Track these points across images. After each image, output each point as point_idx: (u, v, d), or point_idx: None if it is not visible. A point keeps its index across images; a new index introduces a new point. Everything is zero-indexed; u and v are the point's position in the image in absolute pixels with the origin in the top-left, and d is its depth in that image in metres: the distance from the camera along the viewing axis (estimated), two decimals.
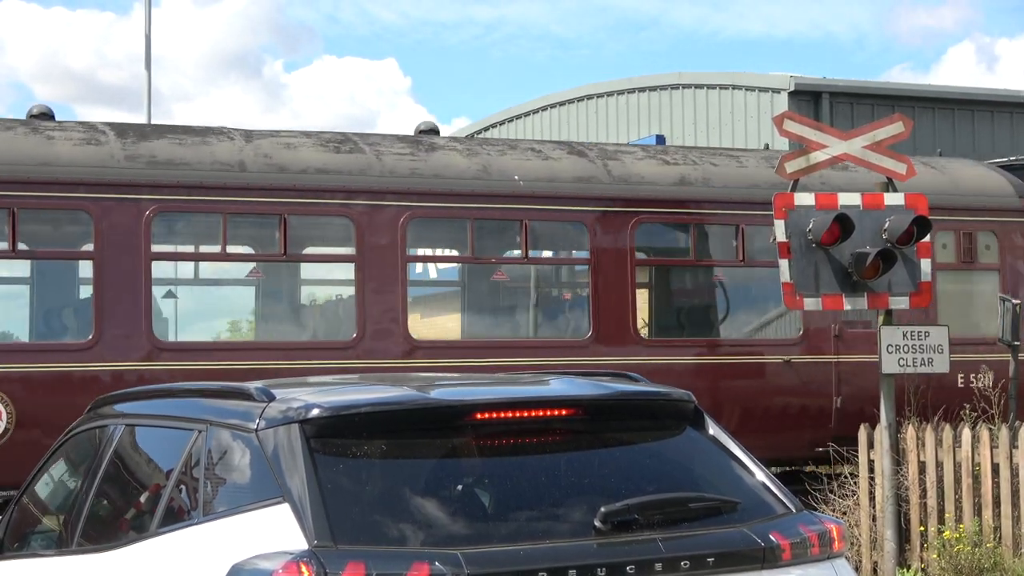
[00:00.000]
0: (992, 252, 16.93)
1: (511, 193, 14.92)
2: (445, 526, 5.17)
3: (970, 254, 16.77)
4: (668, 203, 15.60)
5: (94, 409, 7.27)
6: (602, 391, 5.95)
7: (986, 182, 17.33)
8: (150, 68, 26.90)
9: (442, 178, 14.73)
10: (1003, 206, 17.01)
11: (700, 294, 17.17)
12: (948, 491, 12.77)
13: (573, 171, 15.38)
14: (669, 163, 16.00)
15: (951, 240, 16.69)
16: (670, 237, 16.53)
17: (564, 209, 15.17)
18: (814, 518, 5.70)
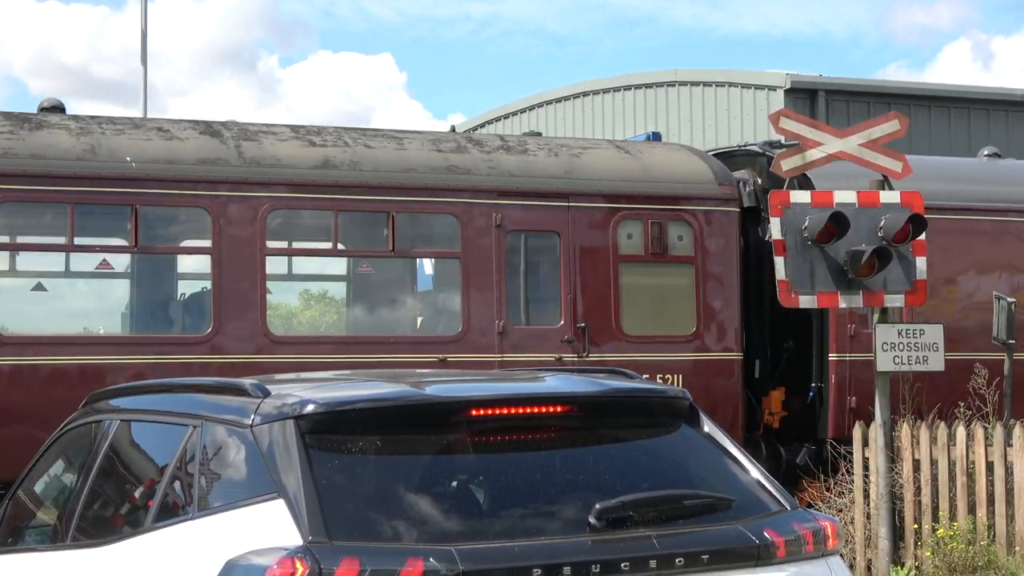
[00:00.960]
0: (686, 243, 15.77)
1: (120, 176, 13.70)
2: (440, 522, 5.17)
3: (661, 245, 15.59)
4: (308, 187, 14.39)
5: (89, 404, 7.27)
6: (598, 388, 5.95)
7: (682, 168, 16.08)
8: (146, 63, 26.90)
9: (40, 159, 13.52)
10: (699, 194, 15.81)
11: (339, 287, 16.38)
12: (942, 489, 12.77)
13: (198, 152, 14.15)
14: (316, 145, 14.71)
15: (638, 230, 15.51)
16: (310, 225, 15.42)
17: (184, 194, 13.96)
18: (809, 516, 5.71)
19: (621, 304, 15.31)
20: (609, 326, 15.20)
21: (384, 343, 14.61)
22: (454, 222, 14.90)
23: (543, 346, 14.86)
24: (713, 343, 15.63)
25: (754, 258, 16.29)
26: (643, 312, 15.54)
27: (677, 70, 27.85)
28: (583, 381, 6.09)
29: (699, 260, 15.70)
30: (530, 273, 15.34)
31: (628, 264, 15.48)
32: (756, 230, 16.23)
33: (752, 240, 16.28)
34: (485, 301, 14.80)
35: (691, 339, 15.53)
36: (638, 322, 15.43)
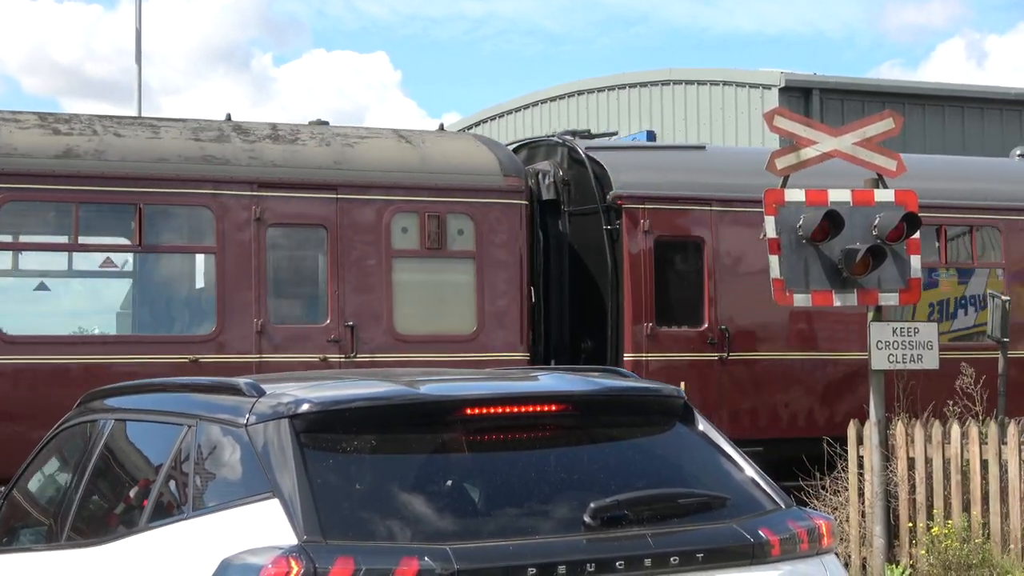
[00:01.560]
0: (467, 238, 15.14)
1: None
2: (434, 521, 5.18)
3: (439, 240, 14.93)
4: (47, 178, 13.72)
5: (84, 404, 7.27)
6: (592, 387, 5.96)
7: (465, 159, 15.41)
8: (140, 62, 26.87)
9: None
10: (482, 185, 15.15)
11: (84, 283, 15.65)
12: (937, 487, 12.78)
13: None
14: (61, 133, 14.01)
15: (414, 224, 14.88)
16: (50, 218, 14.59)
17: None
18: (803, 514, 5.71)
19: (394, 302, 14.73)
20: (381, 325, 14.63)
21: (124, 343, 14.17)
22: (209, 215, 14.28)
23: (306, 346, 14.33)
24: (496, 343, 14.99)
25: (554, 254, 15.84)
26: (419, 310, 14.93)
27: (672, 69, 27.87)
28: (578, 380, 6.09)
29: (481, 255, 15.08)
30: (294, 269, 14.84)
31: (403, 259, 14.89)
32: (557, 224, 15.86)
33: (553, 234, 15.84)
34: (242, 299, 14.20)
35: (471, 339, 14.94)
36: (413, 321, 14.84)
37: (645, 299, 15.21)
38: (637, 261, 15.29)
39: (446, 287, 15.24)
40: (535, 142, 17.02)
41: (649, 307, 15.16)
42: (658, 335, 15.17)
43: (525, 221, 15.33)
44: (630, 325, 15.14)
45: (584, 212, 15.71)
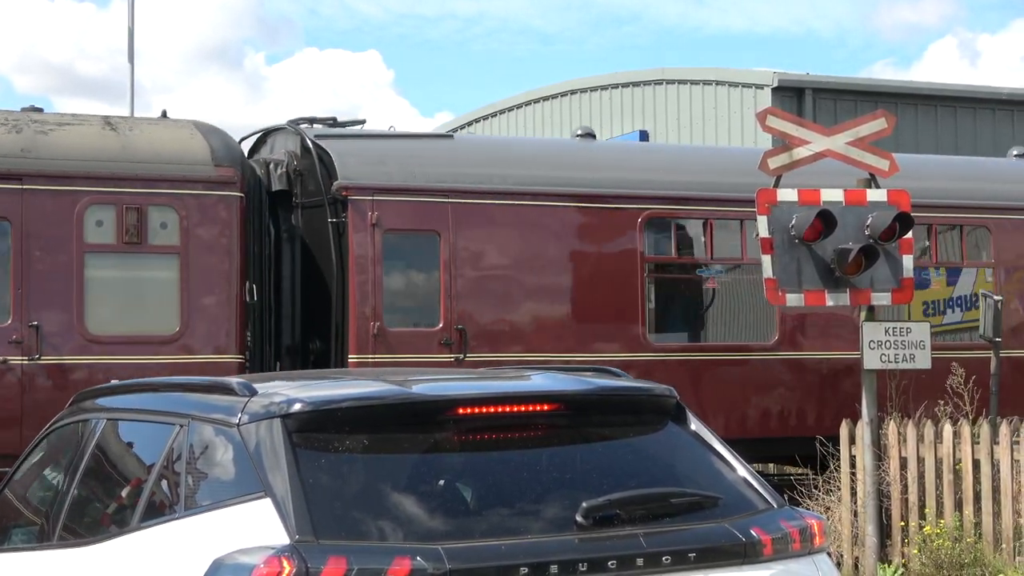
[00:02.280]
0: (171, 232, 14.16)
1: None
2: (427, 521, 5.17)
3: (138, 234, 13.93)
4: None
5: (76, 403, 7.26)
6: (584, 386, 5.95)
7: (172, 147, 14.39)
8: (133, 61, 26.82)
9: None
10: (189, 176, 14.16)
11: None
12: (929, 487, 12.80)
13: None
14: None
15: (110, 216, 13.89)
16: None
17: None
18: (795, 513, 5.71)
19: (86, 300, 13.82)
20: (70, 325, 13.75)
21: None
22: None
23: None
24: (202, 344, 14.13)
25: (286, 249, 15.16)
26: (115, 310, 14.11)
27: (664, 69, 27.88)
28: (570, 380, 6.09)
29: (186, 251, 14.12)
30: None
31: (97, 255, 13.97)
32: (289, 217, 15.17)
33: (284, 228, 15.16)
34: None
35: (173, 340, 14.08)
36: (108, 321, 13.99)
37: (373, 297, 14.41)
38: (363, 256, 14.46)
39: (146, 284, 14.38)
40: (276, 129, 16.01)
41: (377, 305, 14.37)
42: (386, 335, 14.40)
43: (239, 214, 14.38)
44: (355, 325, 14.32)
45: (314, 204, 14.97)
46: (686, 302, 16.82)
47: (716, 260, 16.14)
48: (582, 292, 15.23)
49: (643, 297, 15.36)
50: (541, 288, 15.08)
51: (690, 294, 16.69)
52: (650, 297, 16.07)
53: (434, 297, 14.82)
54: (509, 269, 15.02)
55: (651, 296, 16.12)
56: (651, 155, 17.59)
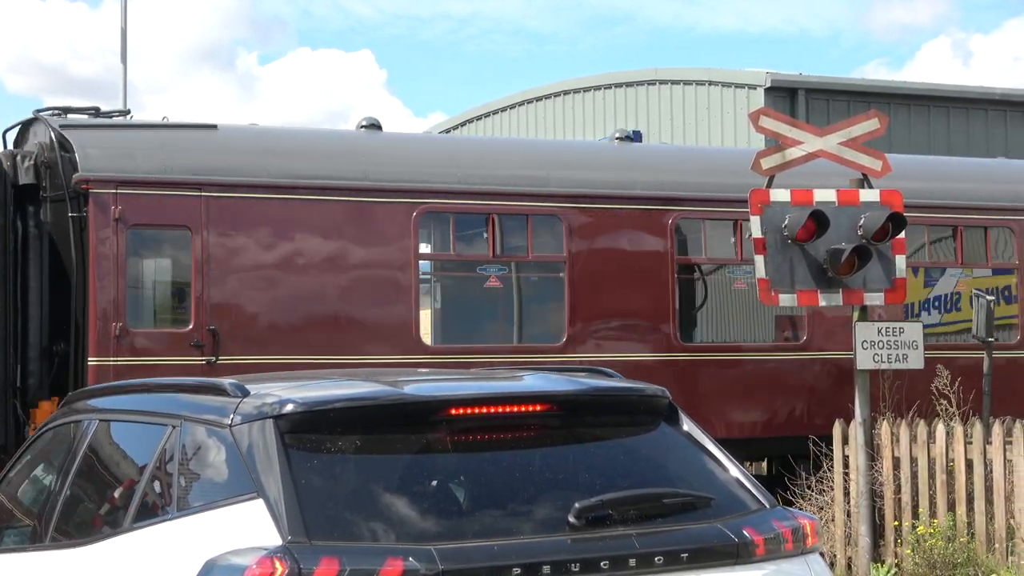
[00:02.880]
0: None
1: None
2: (419, 522, 5.17)
3: None
4: None
5: (68, 404, 7.26)
6: (577, 387, 5.95)
7: None
8: (126, 61, 26.82)
9: None
10: None
11: None
12: (922, 487, 12.81)
13: None
14: None
15: None
16: None
17: None
18: (787, 514, 5.72)
19: None
20: None
21: None
22: None
23: None
24: None
25: (34, 246, 14.22)
26: None
27: (657, 69, 27.88)
28: (562, 380, 6.09)
29: None
30: None
31: None
32: (38, 212, 14.24)
33: (33, 224, 14.21)
34: None
35: None
36: None
37: (117, 296, 13.60)
38: (105, 253, 13.62)
39: None
40: (35, 120, 14.93)
41: (119, 305, 13.58)
42: (130, 336, 13.63)
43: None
44: (95, 325, 13.53)
45: (59, 199, 14.08)
46: (469, 302, 16.29)
47: (499, 258, 15.23)
48: (350, 292, 14.46)
49: (417, 297, 14.73)
50: (304, 288, 14.26)
51: (473, 294, 16.03)
52: (436, 297, 15.87)
53: (184, 297, 14.13)
54: (269, 268, 14.22)
55: (436, 296, 15.91)
56: (429, 146, 16.81)
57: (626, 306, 15.29)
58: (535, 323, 15.96)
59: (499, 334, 15.81)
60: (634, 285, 15.33)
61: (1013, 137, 26.59)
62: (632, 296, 15.32)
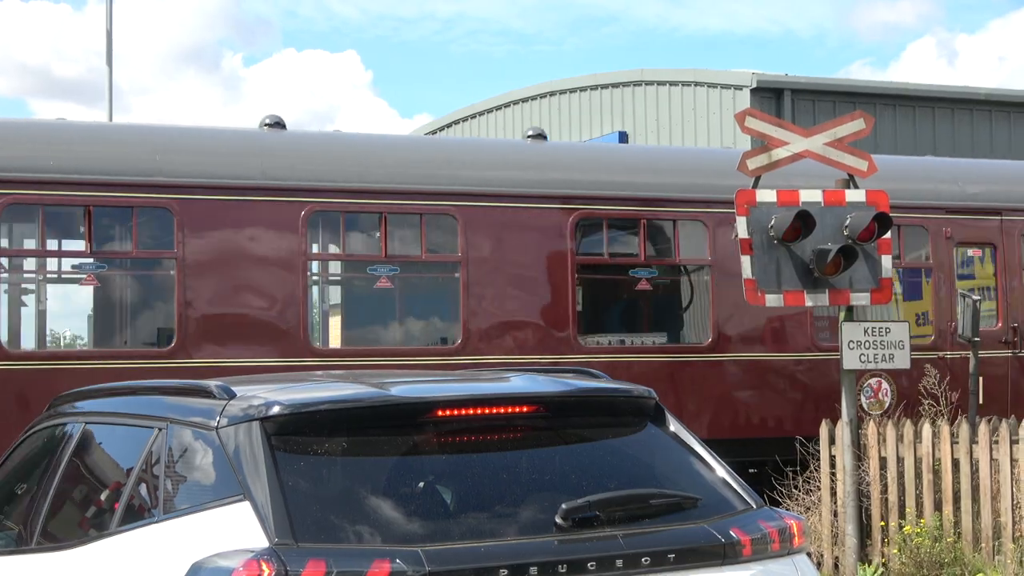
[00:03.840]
0: None
1: None
2: (406, 523, 5.17)
3: None
4: None
5: (53, 407, 7.24)
6: (563, 388, 5.95)
7: None
8: (112, 64, 26.78)
9: None
10: None
11: None
12: (909, 486, 12.83)
13: None
14: None
15: None
16: None
17: None
18: (774, 514, 5.72)
19: None
20: None
21: None
22: None
23: None
24: None
25: None
26: None
27: (643, 70, 27.91)
28: (549, 381, 6.09)
29: None
30: None
31: None
32: None
33: None
34: None
35: None
36: None
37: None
38: None
39: None
40: None
41: None
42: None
43: None
44: None
45: None
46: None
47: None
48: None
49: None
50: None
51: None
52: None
53: None
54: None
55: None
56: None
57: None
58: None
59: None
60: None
61: (998, 137, 26.65)
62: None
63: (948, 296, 16.42)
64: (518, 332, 14.99)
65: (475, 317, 14.77)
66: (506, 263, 14.95)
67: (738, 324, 15.54)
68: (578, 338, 15.14)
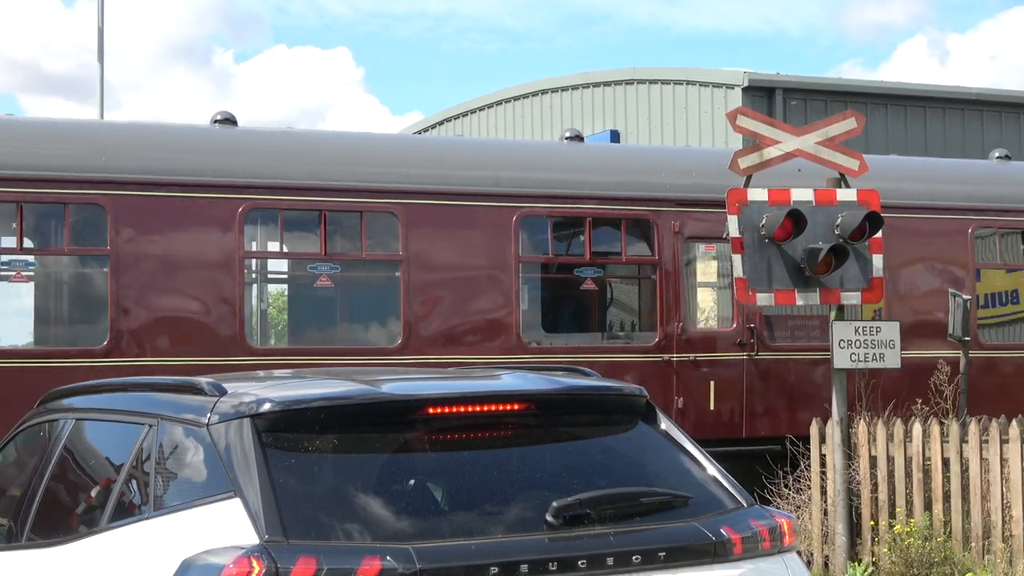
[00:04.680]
0: None
1: None
2: (397, 521, 5.17)
3: None
4: None
5: (44, 403, 7.23)
6: (554, 386, 5.95)
7: None
8: (103, 60, 26.74)
9: None
10: None
11: None
12: (899, 485, 12.84)
13: None
14: None
15: None
16: None
17: None
18: (765, 513, 5.73)
19: None
20: None
21: None
22: None
23: None
24: None
25: None
26: None
27: (635, 68, 27.91)
28: (540, 379, 6.09)
29: None
30: None
31: None
32: None
33: None
34: None
35: None
36: None
37: None
38: None
39: None
40: None
41: None
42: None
43: None
44: None
45: None
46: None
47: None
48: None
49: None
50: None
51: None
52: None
53: None
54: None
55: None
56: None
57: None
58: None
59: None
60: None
61: (989, 137, 26.67)
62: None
63: (675, 295, 15.38)
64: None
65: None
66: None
67: None
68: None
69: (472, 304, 14.79)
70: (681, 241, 15.50)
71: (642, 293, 16.21)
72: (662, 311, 15.37)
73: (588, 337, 16.05)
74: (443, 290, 14.67)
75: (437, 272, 14.68)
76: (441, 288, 14.67)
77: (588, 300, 15.99)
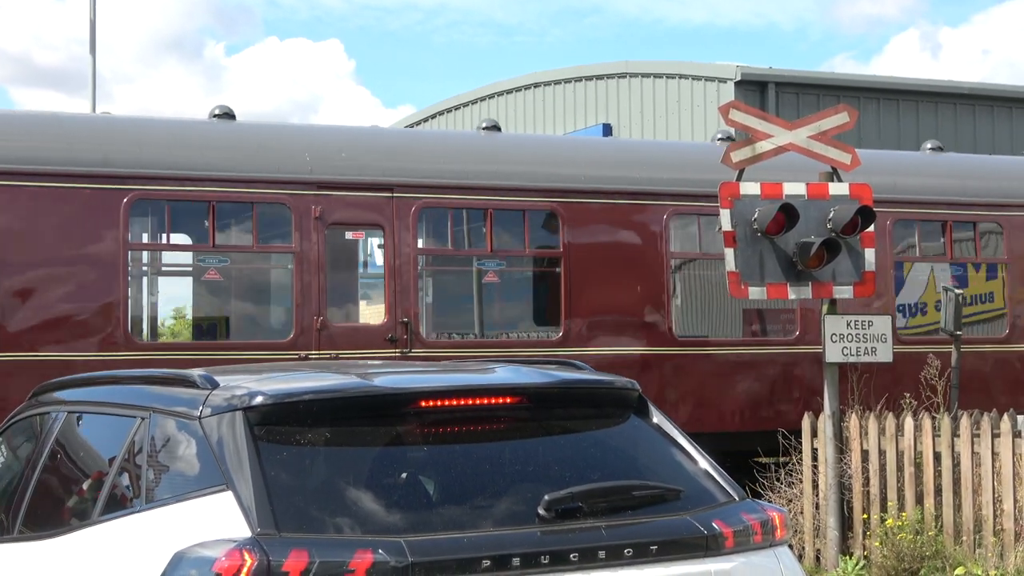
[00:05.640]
0: None
1: None
2: (389, 514, 5.16)
3: None
4: None
5: (36, 396, 7.22)
6: (546, 379, 5.96)
7: None
8: (95, 52, 26.73)
9: None
10: None
11: None
12: (890, 479, 12.85)
13: None
14: None
15: None
16: None
17: None
18: (756, 506, 5.73)
19: None
20: None
21: None
22: None
23: None
24: None
25: None
26: None
27: (628, 62, 27.91)
28: (532, 372, 6.09)
29: None
30: None
31: None
32: None
33: None
34: None
35: None
36: None
37: None
38: None
39: None
40: None
41: None
42: None
43: None
44: None
45: None
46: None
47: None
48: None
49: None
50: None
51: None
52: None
53: None
54: None
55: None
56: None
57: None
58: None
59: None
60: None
61: (981, 131, 26.71)
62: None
63: (317, 290, 13.99)
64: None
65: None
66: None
67: None
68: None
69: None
70: (324, 227, 14.16)
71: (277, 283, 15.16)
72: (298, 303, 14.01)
73: None
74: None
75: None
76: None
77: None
